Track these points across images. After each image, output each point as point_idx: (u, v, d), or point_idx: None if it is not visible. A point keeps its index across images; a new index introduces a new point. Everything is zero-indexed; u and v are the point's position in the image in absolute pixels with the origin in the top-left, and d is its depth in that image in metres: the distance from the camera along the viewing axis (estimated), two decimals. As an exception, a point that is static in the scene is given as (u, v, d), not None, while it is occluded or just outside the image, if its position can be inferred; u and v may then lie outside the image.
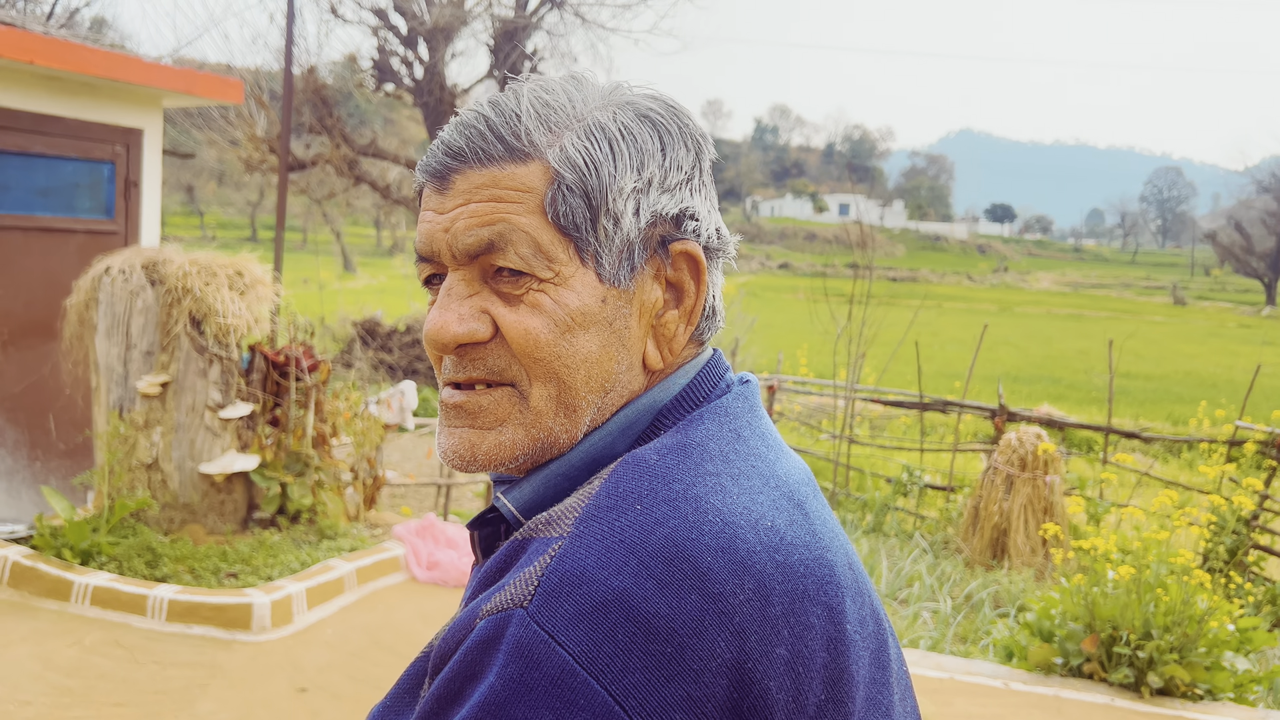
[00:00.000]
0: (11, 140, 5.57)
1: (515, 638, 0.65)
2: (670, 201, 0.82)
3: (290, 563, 4.40)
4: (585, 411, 0.80)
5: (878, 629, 0.80)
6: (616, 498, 0.71)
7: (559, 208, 0.78)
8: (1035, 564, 6.51)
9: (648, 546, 0.67)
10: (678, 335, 0.84)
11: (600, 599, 0.65)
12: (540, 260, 0.78)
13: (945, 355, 20.50)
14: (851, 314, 8.63)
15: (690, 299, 0.84)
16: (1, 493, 5.68)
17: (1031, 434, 6.99)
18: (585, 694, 0.63)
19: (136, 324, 4.66)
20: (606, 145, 0.79)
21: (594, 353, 0.79)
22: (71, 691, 3.31)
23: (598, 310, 0.79)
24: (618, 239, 0.79)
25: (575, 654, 0.63)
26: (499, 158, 0.78)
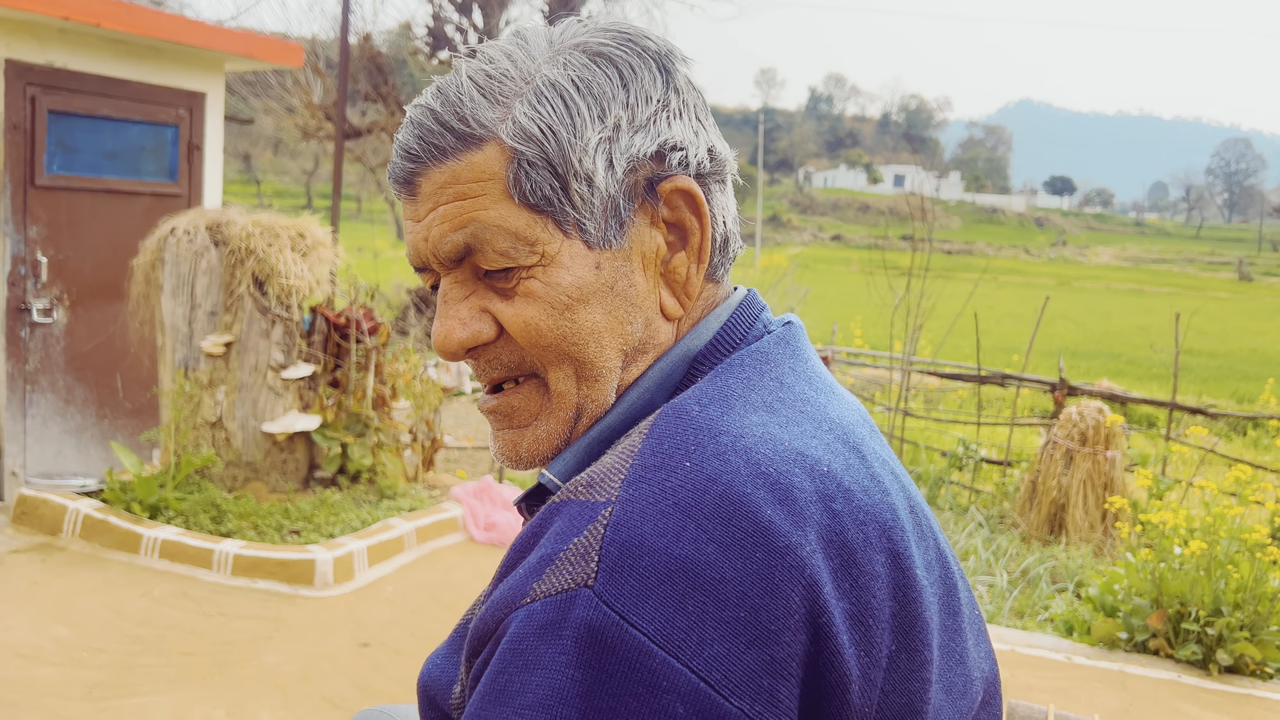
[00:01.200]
0: (80, 103, 5.66)
1: (585, 621, 0.60)
2: (645, 139, 0.76)
3: (351, 521, 4.46)
4: (609, 377, 0.77)
5: (945, 573, 0.75)
6: (663, 455, 0.67)
7: (524, 186, 0.73)
8: (1094, 540, 6.41)
9: (703, 506, 0.63)
10: (691, 277, 0.79)
11: (664, 570, 0.61)
12: (521, 248, 0.74)
13: (1001, 330, 20.19)
14: (910, 285, 8.51)
15: (696, 236, 0.79)
16: (72, 448, 5.83)
17: (1093, 408, 6.86)
18: (667, 674, 0.59)
19: (201, 284, 4.73)
20: (561, 102, 0.73)
21: (600, 322, 0.76)
22: (142, 640, 3.39)
23: (594, 279, 0.75)
24: (596, 199, 0.74)
25: (650, 633, 0.59)
26: (452, 149, 0.74)
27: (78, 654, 3.26)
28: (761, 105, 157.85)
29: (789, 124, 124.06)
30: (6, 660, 3.16)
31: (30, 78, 5.43)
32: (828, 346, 10.58)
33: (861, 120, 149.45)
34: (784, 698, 0.61)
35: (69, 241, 5.71)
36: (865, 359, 12.08)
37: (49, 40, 5.50)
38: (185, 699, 3.01)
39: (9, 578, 3.81)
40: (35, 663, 3.17)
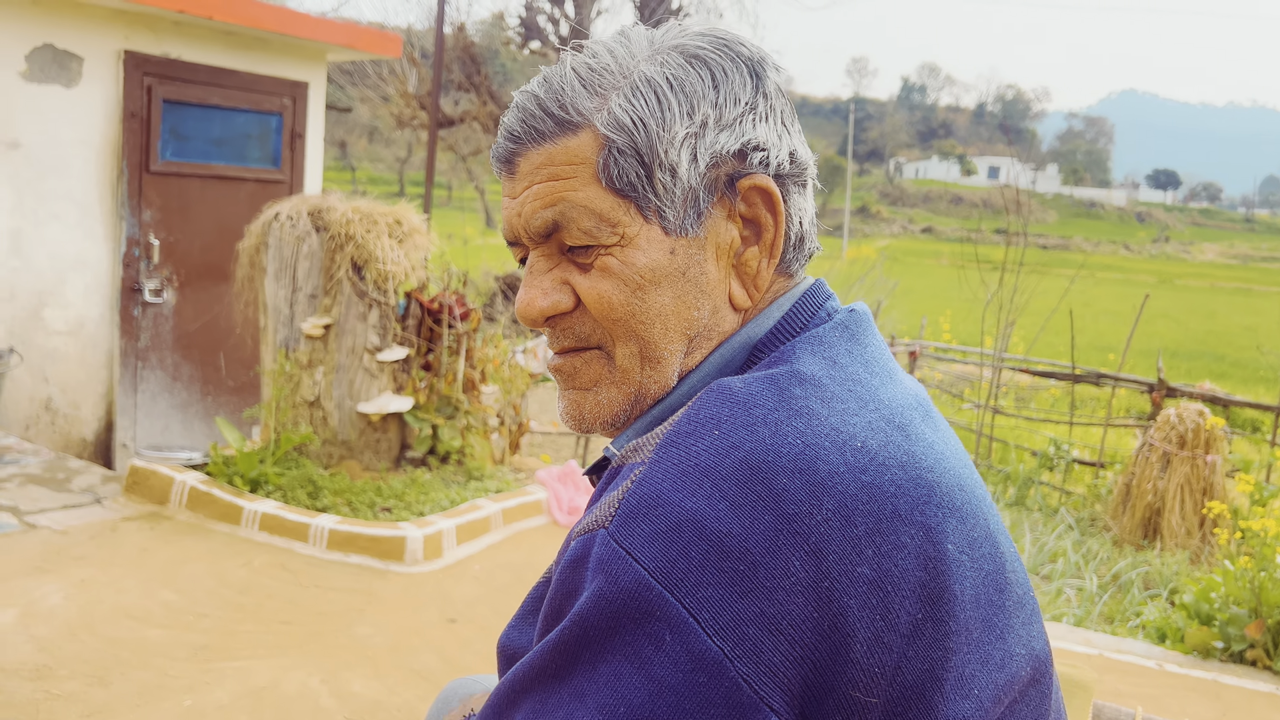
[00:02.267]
0: (192, 93, 5.90)
1: (597, 555, 0.68)
2: (730, 138, 0.81)
3: (440, 500, 4.58)
4: (671, 361, 0.83)
5: (994, 552, 0.78)
6: (696, 423, 0.72)
7: (612, 171, 0.79)
8: (1190, 546, 6.21)
9: (722, 469, 0.68)
10: (761, 271, 0.84)
11: (675, 520, 0.67)
12: (603, 228, 0.80)
13: (1097, 327, 19.61)
14: (1003, 280, 8.33)
15: (769, 232, 0.84)
16: (178, 423, 6.09)
17: (1193, 410, 6.64)
18: (661, 606, 0.65)
19: (302, 268, 4.90)
20: (654, 98, 0.79)
21: (668, 305, 0.81)
22: (243, 608, 3.55)
23: (667, 263, 0.80)
24: (678, 189, 0.80)
25: (650, 569, 0.66)
26: (551, 134, 0.80)
27: (184, 618, 3.42)
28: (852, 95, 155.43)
29: (880, 114, 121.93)
30: (120, 621, 3.34)
31: (147, 68, 5.68)
32: (916, 341, 10.43)
33: (955, 110, 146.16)
34: (768, 650, 0.65)
35: (179, 225, 5.96)
36: (954, 354, 11.86)
37: (164, 32, 5.74)
38: (283, 665, 3.15)
39: (122, 544, 4.02)
40: (145, 624, 3.34)
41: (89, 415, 5.72)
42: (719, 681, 0.65)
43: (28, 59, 5.21)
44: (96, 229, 5.61)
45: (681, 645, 0.65)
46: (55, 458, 4.95)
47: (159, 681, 2.97)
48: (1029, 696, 0.79)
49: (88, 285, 5.61)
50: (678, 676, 0.65)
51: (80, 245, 5.55)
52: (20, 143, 5.24)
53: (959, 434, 8.89)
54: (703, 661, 0.65)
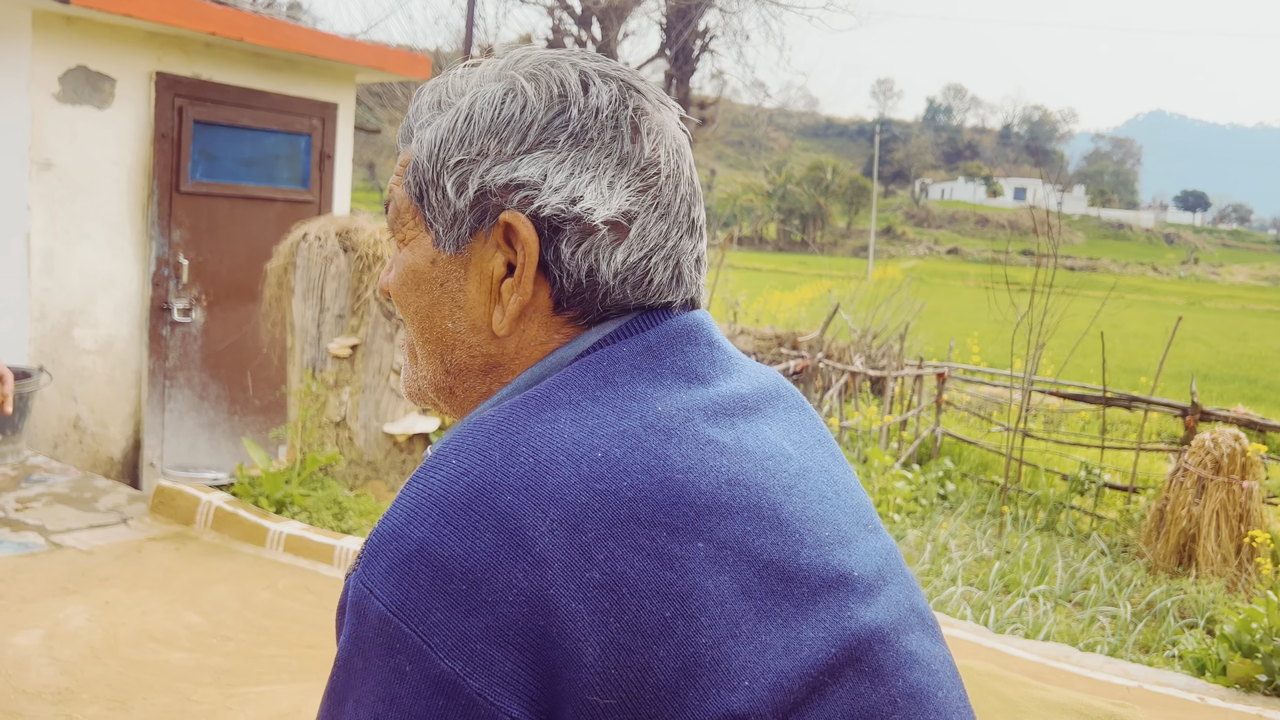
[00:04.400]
0: (222, 114, 5.94)
1: (350, 598, 0.73)
2: (503, 171, 0.84)
3: (465, 523, 4.56)
4: (431, 361, 0.90)
5: (781, 540, 0.78)
6: (438, 455, 0.76)
7: (408, 180, 0.89)
8: (1227, 574, 6.08)
9: (449, 496, 0.72)
10: (510, 305, 0.86)
11: (406, 551, 0.70)
12: (399, 224, 0.91)
13: (1126, 349, 19.39)
14: (1032, 302, 8.24)
15: (518, 268, 0.85)
16: (205, 442, 6.11)
17: (1228, 434, 6.52)
18: (399, 638, 0.69)
19: (330, 288, 4.90)
20: (449, 123, 0.87)
21: (423, 307, 0.89)
22: (268, 631, 3.52)
23: (427, 270, 0.88)
24: (448, 211, 0.86)
25: (387, 604, 0.70)
26: (404, 139, 0.92)
27: (208, 641, 3.40)
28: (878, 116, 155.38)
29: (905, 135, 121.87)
30: (143, 644, 3.32)
31: (178, 89, 5.73)
32: (944, 363, 10.33)
33: (981, 131, 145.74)
34: (499, 662, 0.68)
35: (208, 245, 5.99)
36: (983, 376, 11.75)
37: (196, 54, 5.79)
38: (306, 690, 3.12)
39: (147, 564, 4.01)
40: (169, 647, 3.32)
41: (116, 434, 5.74)
42: (456, 700, 0.68)
43: (61, 80, 5.27)
44: (127, 248, 5.65)
45: (420, 672, 0.69)
46: (83, 477, 4.97)
47: (181, 706, 2.95)
48: (844, 678, 0.78)
49: (117, 304, 5.65)
50: (421, 704, 0.69)
51: (110, 265, 5.59)
52: (53, 163, 5.29)
53: (986, 457, 8.77)
54: (439, 684, 0.68)
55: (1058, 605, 5.40)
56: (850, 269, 33.57)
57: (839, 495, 0.88)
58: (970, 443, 8.91)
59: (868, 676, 0.80)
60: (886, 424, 8.49)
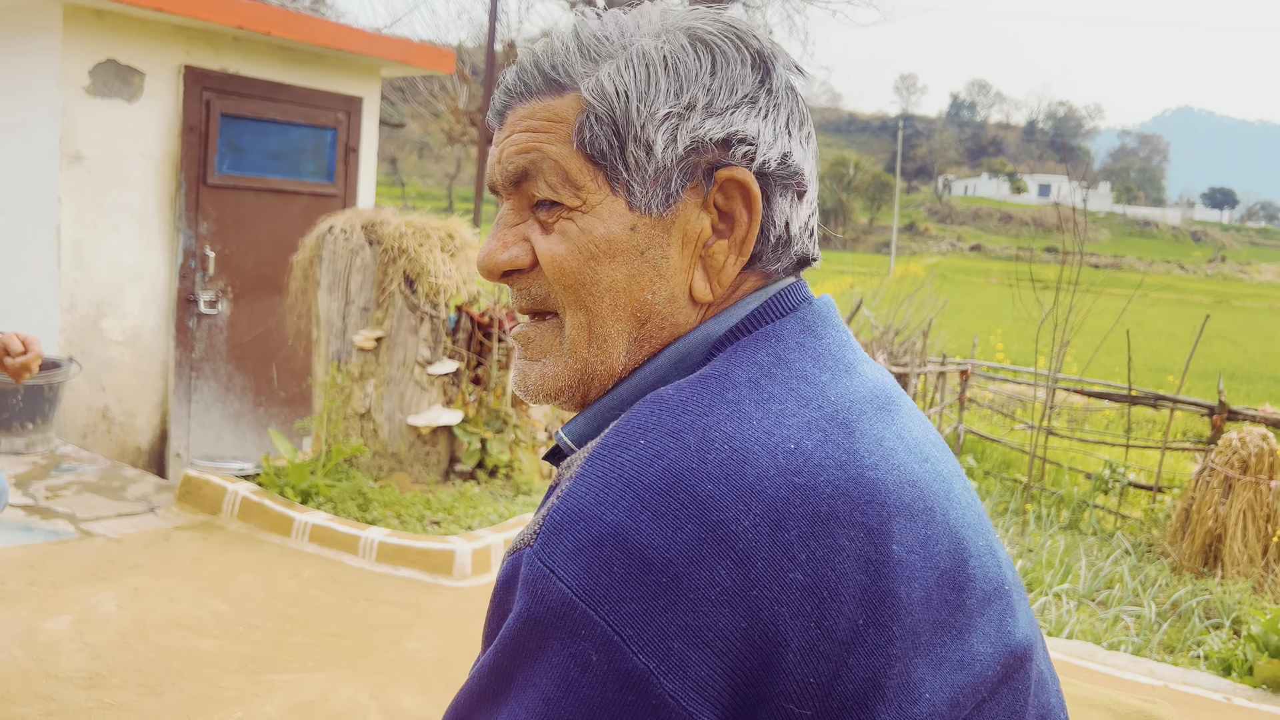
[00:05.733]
0: (249, 107, 5.99)
1: (524, 575, 0.67)
2: (716, 125, 0.79)
3: (489, 514, 4.57)
4: (617, 342, 0.81)
5: (954, 548, 0.74)
6: (623, 434, 0.71)
7: (585, 135, 0.79)
8: (1253, 575, 6.03)
9: (644, 479, 0.67)
10: (727, 266, 0.81)
11: (596, 534, 0.65)
12: (568, 189, 0.79)
13: (1151, 348, 19.22)
14: (1058, 299, 8.18)
15: (741, 228, 0.81)
16: (230, 433, 6.16)
17: (1256, 434, 6.45)
18: (586, 624, 0.64)
19: (355, 281, 4.93)
20: (644, 71, 0.79)
21: (620, 281, 0.79)
22: (293, 619, 3.55)
23: (626, 239, 0.79)
24: (650, 167, 0.79)
25: (573, 586, 0.64)
26: (539, 90, 0.81)
27: (235, 629, 3.44)
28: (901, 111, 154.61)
29: (929, 131, 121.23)
30: (172, 631, 3.36)
31: (206, 83, 5.78)
32: (967, 360, 10.28)
33: (1006, 128, 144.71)
34: (695, 665, 0.63)
35: (234, 237, 6.04)
36: (1006, 374, 11.68)
37: (223, 48, 5.84)
38: (332, 678, 3.14)
39: (175, 553, 4.05)
40: (197, 635, 3.36)
41: (144, 424, 5.80)
42: (645, 699, 0.63)
43: (91, 74, 5.32)
44: (154, 240, 5.70)
45: (608, 664, 0.64)
46: (111, 466, 5.02)
47: (209, 693, 2.98)
48: (1000, 695, 0.75)
49: (145, 296, 5.70)
50: (606, 696, 0.64)
51: (138, 256, 5.64)
52: (83, 155, 5.34)
53: (1010, 455, 8.73)
54: (629, 680, 0.63)
55: (1081, 604, 5.37)
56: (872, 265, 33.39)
57: (973, 499, 0.83)
58: (994, 440, 8.86)
59: (1017, 694, 0.77)
60: (909, 421, 8.44)
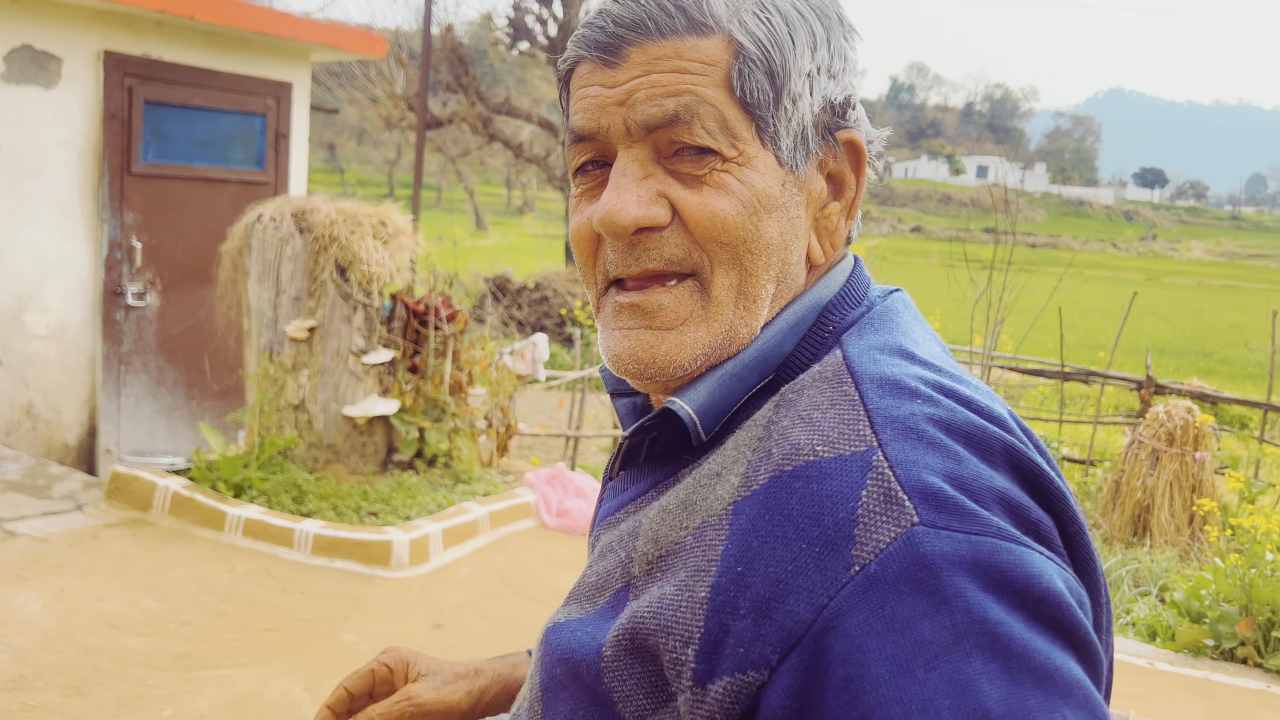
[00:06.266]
0: (173, 93, 5.84)
1: (938, 551, 0.60)
2: (837, 88, 0.79)
3: (427, 504, 4.54)
4: (763, 303, 0.77)
5: None
6: (892, 401, 0.68)
7: (745, 83, 0.74)
8: (1180, 543, 6.21)
9: (954, 438, 0.66)
10: (839, 229, 0.81)
11: (962, 491, 0.63)
12: (725, 137, 0.74)
13: (1086, 325, 19.65)
14: (991, 279, 8.32)
15: (850, 191, 0.81)
16: (161, 428, 6.03)
17: (1181, 407, 6.64)
18: (1024, 556, 0.62)
19: (286, 270, 4.85)
20: (784, 23, 0.76)
21: (774, 239, 0.76)
22: (226, 615, 3.50)
23: (778, 194, 0.76)
24: (795, 122, 0.76)
25: (993, 533, 0.62)
26: (680, 29, 0.74)
27: (166, 626, 3.37)
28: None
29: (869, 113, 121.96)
30: (99, 630, 3.29)
31: (128, 69, 5.62)
32: (905, 340, 10.42)
33: (944, 110, 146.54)
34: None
35: (161, 227, 5.90)
36: (943, 353, 11.87)
37: (145, 32, 5.68)
38: (265, 673, 3.10)
39: (103, 551, 3.97)
40: (126, 633, 3.29)
41: (71, 421, 5.66)
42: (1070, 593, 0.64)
43: (5, 60, 5.15)
44: (77, 231, 5.55)
45: (1060, 578, 0.63)
46: (36, 464, 4.90)
47: (138, 692, 2.92)
48: None
49: (69, 289, 5.55)
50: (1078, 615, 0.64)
51: (60, 248, 5.49)
52: (-1, 145, 5.18)
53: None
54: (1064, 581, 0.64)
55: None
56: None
57: None
58: (931, 418, 9.00)
59: None
60: (849, 401, 8.54)
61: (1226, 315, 25.50)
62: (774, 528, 0.65)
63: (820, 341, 0.78)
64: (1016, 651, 0.58)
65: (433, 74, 16.83)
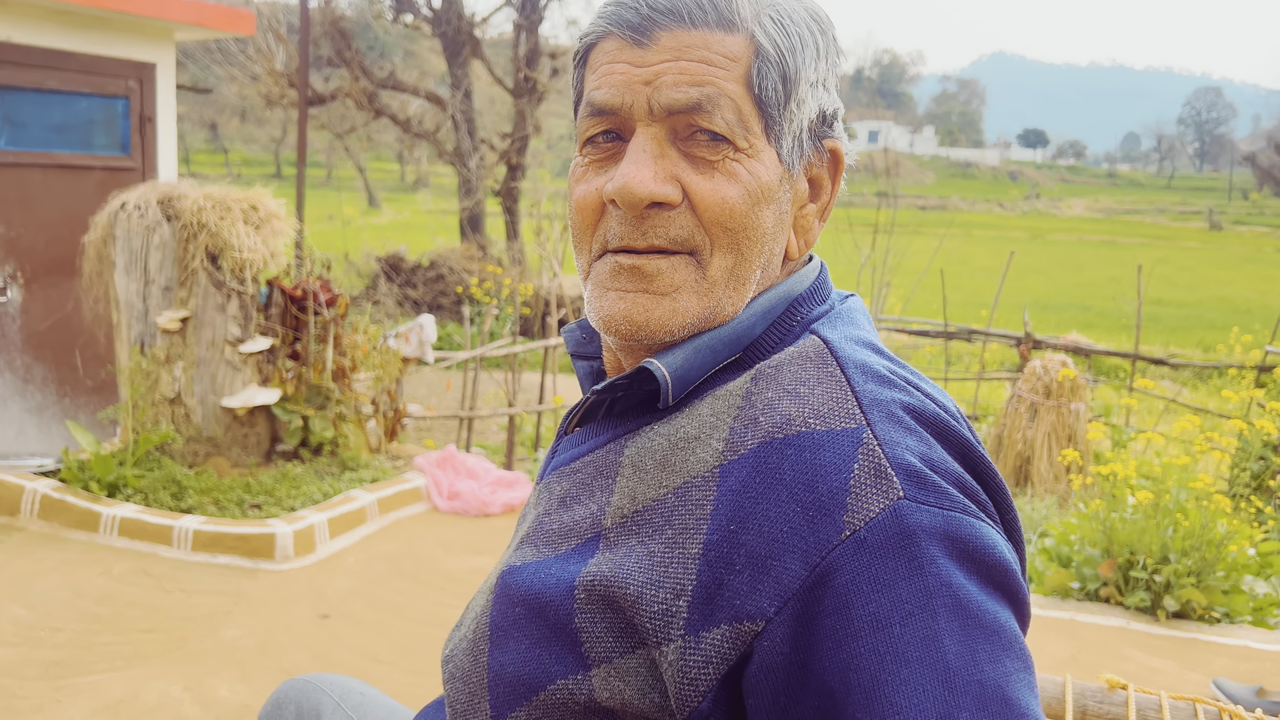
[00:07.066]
0: (25, 77, 5.55)
1: (919, 523, 0.70)
2: (830, 100, 0.86)
3: (313, 494, 4.46)
4: (750, 285, 0.83)
5: None
6: (875, 387, 0.77)
7: (762, 81, 0.80)
8: (1058, 491, 6.50)
9: (924, 426, 0.76)
10: (813, 229, 0.88)
11: (935, 468, 0.74)
12: (740, 129, 0.80)
13: (974, 284, 20.28)
14: (875, 243, 8.52)
15: (826, 195, 0.88)
16: (32, 428, 5.78)
17: (1056, 361, 6.93)
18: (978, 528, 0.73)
19: (154, 260, 4.68)
20: (797, 32, 0.82)
21: (769, 229, 0.83)
22: (101, 619, 3.39)
23: (776, 188, 0.82)
24: (796, 124, 0.83)
25: (961, 509, 0.72)
26: (711, 23, 0.79)
27: (35, 634, 3.26)
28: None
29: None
30: (-38, 642, 3.16)
31: (-29, 52, 5.32)
32: (797, 306, 10.60)
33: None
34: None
35: (20, 218, 5.62)
36: (835, 317, 12.11)
37: (-11, 13, 5.38)
38: (143, 675, 3.03)
39: (-34, 560, 3.80)
40: (-8, 644, 3.17)
41: (-69, 425, 5.38)
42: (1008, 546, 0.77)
43: None
44: (-74, 226, 5.25)
45: (1007, 549, 0.75)
46: (-108, 472, 4.65)
47: (4, 704, 2.82)
48: None
49: (-80, 287, 5.25)
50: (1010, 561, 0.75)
51: (-91, 244, 5.19)
52: None
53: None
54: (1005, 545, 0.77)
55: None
56: (712, 216, 33.80)
57: None
58: (823, 382, 9.19)
59: None
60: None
61: (1105, 270, 26.60)
62: (766, 489, 0.72)
63: (788, 329, 0.85)
64: (973, 611, 0.68)
65: (314, 49, 16.33)
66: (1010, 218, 51.66)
